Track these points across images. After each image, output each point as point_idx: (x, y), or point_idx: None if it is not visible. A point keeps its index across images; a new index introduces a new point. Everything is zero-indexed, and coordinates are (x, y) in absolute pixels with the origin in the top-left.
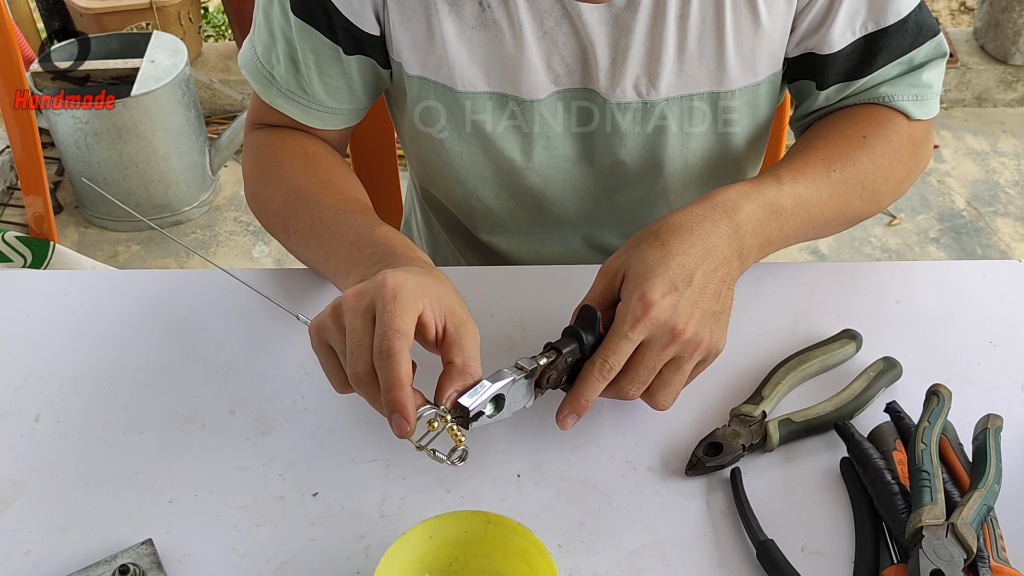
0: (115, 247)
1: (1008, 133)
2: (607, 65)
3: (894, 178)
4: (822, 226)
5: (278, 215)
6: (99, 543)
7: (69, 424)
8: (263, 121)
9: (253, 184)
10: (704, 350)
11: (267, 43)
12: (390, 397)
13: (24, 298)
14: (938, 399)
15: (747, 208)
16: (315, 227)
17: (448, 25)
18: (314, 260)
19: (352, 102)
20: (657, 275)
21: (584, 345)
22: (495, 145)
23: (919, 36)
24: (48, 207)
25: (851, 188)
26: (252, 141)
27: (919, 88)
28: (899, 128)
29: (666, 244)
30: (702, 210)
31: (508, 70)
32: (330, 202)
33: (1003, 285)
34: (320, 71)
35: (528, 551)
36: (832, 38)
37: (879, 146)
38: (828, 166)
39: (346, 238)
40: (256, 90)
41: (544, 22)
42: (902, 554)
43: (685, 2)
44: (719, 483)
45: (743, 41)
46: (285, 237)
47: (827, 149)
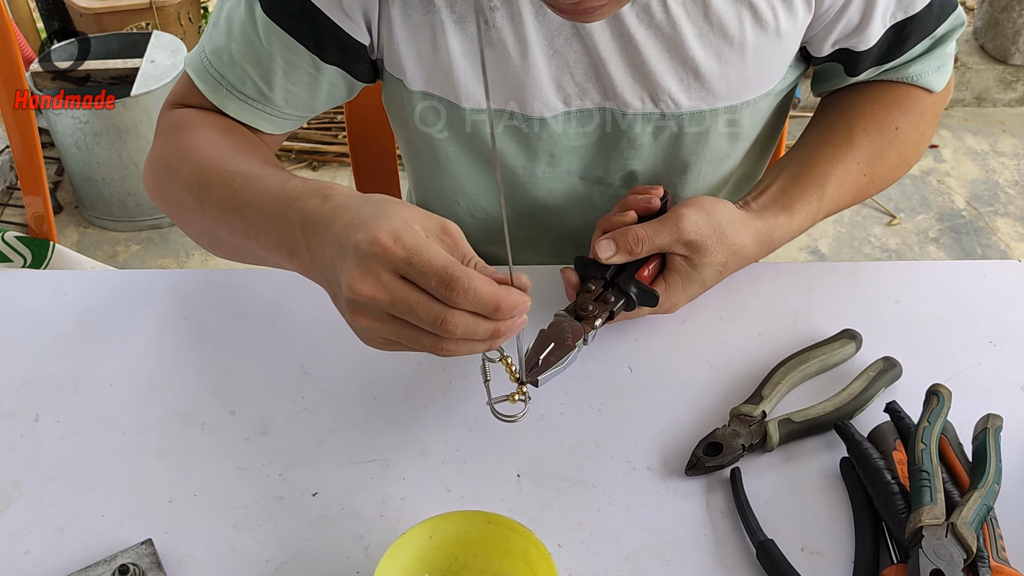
0: (115, 247)
1: (1008, 133)
2: (621, 81)
3: (909, 162)
4: (830, 214)
5: (188, 189)
6: (99, 543)
7: (69, 424)
8: (186, 103)
9: (163, 158)
10: (694, 268)
11: (221, 42)
12: (503, 308)
13: (24, 298)
14: (938, 399)
15: (755, 250)
16: (233, 200)
17: (454, 42)
18: (239, 235)
19: (306, 111)
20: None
21: (606, 274)
22: (498, 159)
23: (942, 14)
24: (48, 207)
25: (874, 186)
26: (169, 118)
27: (941, 59)
28: (924, 108)
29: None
30: (721, 255)
31: (513, 89)
32: (244, 168)
33: (1003, 285)
34: (287, 77)
35: (528, 551)
36: (870, 35)
37: (908, 135)
38: (861, 170)
39: (265, 208)
40: (203, 90)
41: (554, 40)
42: (902, 554)
43: (702, 18)
44: (719, 483)
45: (760, 54)
46: (200, 213)
47: (864, 148)
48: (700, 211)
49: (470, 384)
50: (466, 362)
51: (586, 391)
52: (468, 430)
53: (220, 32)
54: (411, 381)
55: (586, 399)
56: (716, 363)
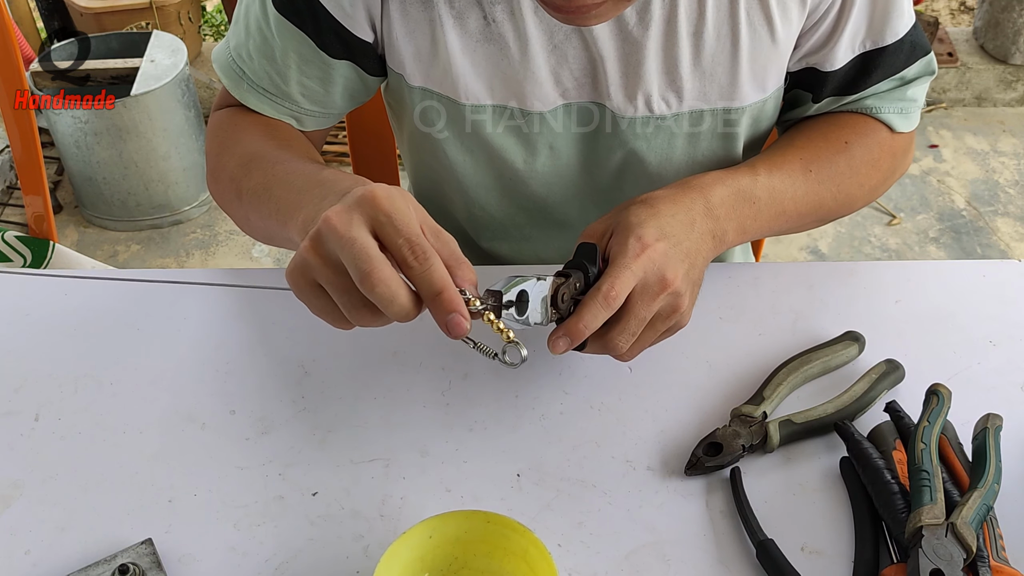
0: (115, 247)
1: (1008, 133)
2: (617, 80)
3: (869, 184)
4: (795, 220)
5: (232, 180)
6: (99, 543)
7: (69, 424)
8: (228, 103)
9: (213, 157)
10: (679, 315)
11: (242, 38)
12: (444, 297)
13: (24, 298)
14: (938, 399)
15: (720, 191)
16: (267, 183)
17: (452, 38)
18: (265, 216)
19: (325, 106)
20: (650, 224)
21: (588, 275)
22: (498, 153)
23: (912, 55)
24: (48, 207)
25: (826, 189)
26: (215, 119)
27: (905, 102)
28: (881, 139)
29: (654, 206)
30: (679, 188)
31: (513, 84)
32: (284, 158)
33: (1003, 285)
34: (301, 71)
35: (528, 551)
36: (836, 56)
37: (859, 153)
38: (806, 165)
39: (295, 184)
40: (226, 84)
41: (554, 36)
42: (902, 554)
43: (700, 19)
44: (719, 483)
45: (756, 58)
46: (238, 203)
47: (808, 149)
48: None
49: (470, 384)
50: (466, 362)
51: (586, 391)
52: (468, 430)
53: (240, 28)
54: (411, 381)
55: (586, 399)
56: (716, 363)
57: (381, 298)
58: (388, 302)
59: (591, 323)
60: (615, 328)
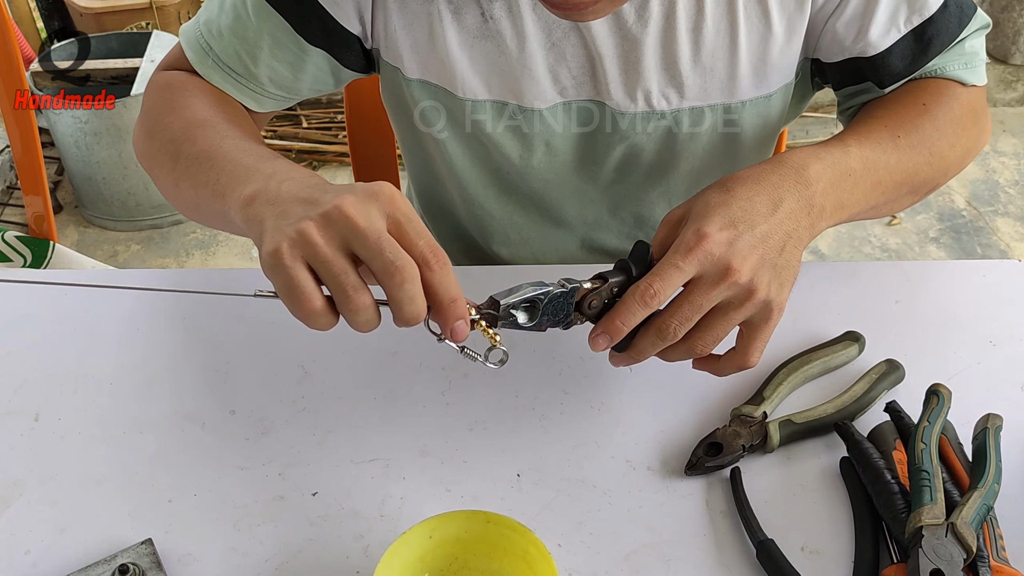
0: (115, 247)
1: (1008, 133)
2: (616, 77)
3: (960, 145)
4: (891, 192)
5: (172, 141)
6: (99, 543)
7: (69, 424)
8: (177, 69)
9: (153, 115)
10: (759, 303)
11: (214, 14)
12: (458, 304)
13: (24, 298)
14: (938, 399)
15: (816, 166)
16: (210, 152)
17: (451, 33)
18: (200, 184)
19: (289, 92)
20: (716, 214)
21: (632, 277)
22: (496, 149)
23: (963, 17)
24: (48, 207)
25: (919, 153)
26: (161, 77)
27: (966, 56)
28: (958, 95)
29: (730, 190)
30: (770, 166)
31: (510, 80)
32: (233, 132)
33: (1003, 285)
34: (272, 55)
35: (528, 551)
36: (872, 39)
37: (940, 113)
38: (893, 132)
39: (241, 161)
40: (190, 59)
41: (552, 33)
42: (902, 554)
43: (698, 15)
44: (719, 483)
45: (755, 53)
46: (172, 166)
47: (888, 118)
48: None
49: (470, 384)
50: (466, 362)
51: (586, 391)
52: (468, 430)
53: (214, 5)
54: (411, 381)
55: (586, 399)
56: None
57: (404, 295)
58: (408, 300)
59: (628, 320)
60: (667, 311)
